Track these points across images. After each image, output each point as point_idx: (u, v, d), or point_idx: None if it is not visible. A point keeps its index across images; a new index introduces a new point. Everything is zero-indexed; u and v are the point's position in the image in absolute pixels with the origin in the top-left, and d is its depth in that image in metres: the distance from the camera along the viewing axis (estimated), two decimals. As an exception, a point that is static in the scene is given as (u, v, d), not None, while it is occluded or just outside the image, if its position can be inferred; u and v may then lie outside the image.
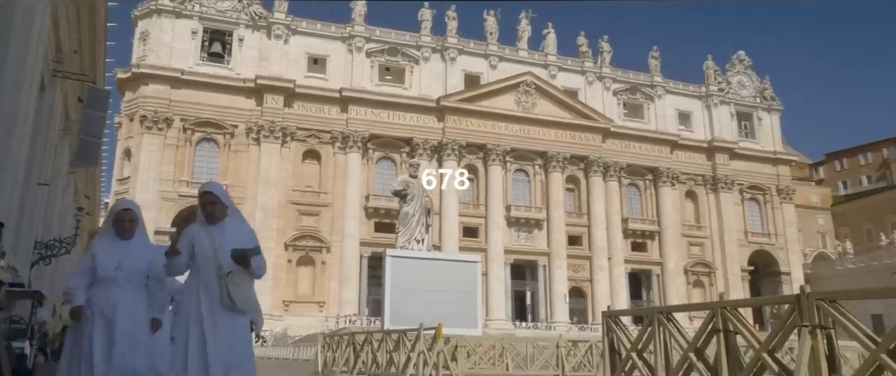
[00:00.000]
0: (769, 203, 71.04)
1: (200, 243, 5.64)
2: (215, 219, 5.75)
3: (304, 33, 59.02)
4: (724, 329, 5.78)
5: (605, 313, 7.46)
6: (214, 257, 5.56)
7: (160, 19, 55.14)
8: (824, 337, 4.93)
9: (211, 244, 5.62)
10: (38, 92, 15.55)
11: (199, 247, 5.62)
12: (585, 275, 62.13)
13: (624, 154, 65.91)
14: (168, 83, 53.45)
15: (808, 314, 5.02)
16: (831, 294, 5.16)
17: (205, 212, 5.76)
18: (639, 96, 69.15)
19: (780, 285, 69.06)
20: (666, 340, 6.46)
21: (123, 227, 6.25)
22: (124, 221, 6.24)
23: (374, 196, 57.28)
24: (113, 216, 6.27)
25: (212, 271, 5.54)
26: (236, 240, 5.63)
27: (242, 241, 5.63)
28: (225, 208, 5.80)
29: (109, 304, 5.90)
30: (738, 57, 75.84)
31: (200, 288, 5.54)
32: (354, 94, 57.87)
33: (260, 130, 54.90)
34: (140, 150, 51.68)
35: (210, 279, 5.53)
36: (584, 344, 17.76)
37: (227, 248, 5.53)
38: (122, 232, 6.23)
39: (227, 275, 5.49)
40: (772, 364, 5.34)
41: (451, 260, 26.16)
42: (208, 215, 5.75)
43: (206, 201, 5.77)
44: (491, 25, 65.21)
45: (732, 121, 71.94)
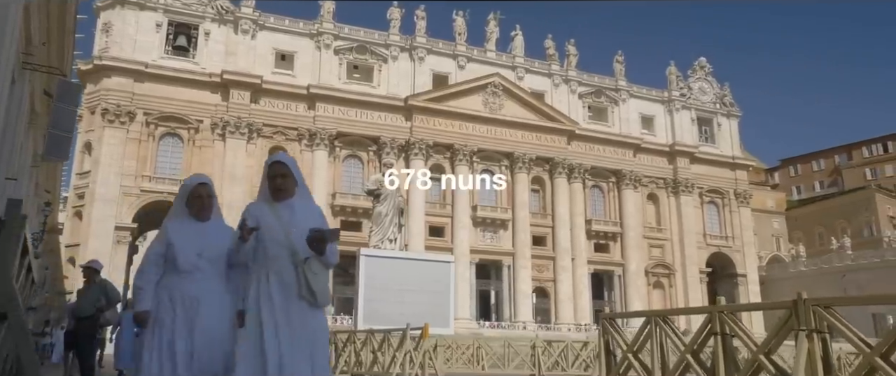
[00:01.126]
0: (727, 206, 72.78)
1: (268, 224, 4.77)
2: (283, 196, 4.92)
3: (271, 29, 58.39)
4: (721, 332, 6.04)
5: (603, 315, 7.68)
6: (287, 241, 4.72)
7: (123, 11, 53.92)
8: (820, 340, 5.24)
9: (280, 225, 4.77)
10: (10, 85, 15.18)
11: (267, 229, 4.75)
12: (549, 275, 62.82)
13: (588, 156, 66.81)
14: (131, 76, 52.30)
15: (805, 319, 5.31)
16: (827, 300, 5.45)
17: (273, 185, 4.90)
18: (603, 100, 70.17)
19: (736, 287, 70.89)
20: (662, 342, 6.70)
21: (201, 206, 5.24)
22: (202, 198, 5.23)
23: (340, 194, 57.02)
24: (187, 193, 5.25)
25: (285, 257, 4.70)
26: (308, 221, 4.84)
27: (314, 223, 4.84)
28: (295, 183, 4.98)
29: (191, 300, 4.96)
30: (699, 63, 77.45)
31: (270, 278, 4.69)
32: (322, 92, 57.48)
33: (225, 126, 54.14)
34: (101, 144, 50.50)
35: (283, 267, 4.70)
36: (560, 343, 18.05)
37: (301, 230, 4.72)
38: (200, 211, 5.23)
39: (305, 261, 4.70)
40: (769, 365, 5.61)
41: (425, 260, 26.32)
42: (277, 190, 4.90)
43: (277, 173, 4.92)
44: (460, 26, 65.41)
45: (693, 126, 73.49)
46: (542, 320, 60.54)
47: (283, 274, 4.69)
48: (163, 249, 5.10)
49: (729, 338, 6.05)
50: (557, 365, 17.20)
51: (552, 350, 17.49)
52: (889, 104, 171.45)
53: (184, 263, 5.02)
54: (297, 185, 5.00)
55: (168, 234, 5.13)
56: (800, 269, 72.25)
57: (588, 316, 62.71)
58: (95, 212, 49.08)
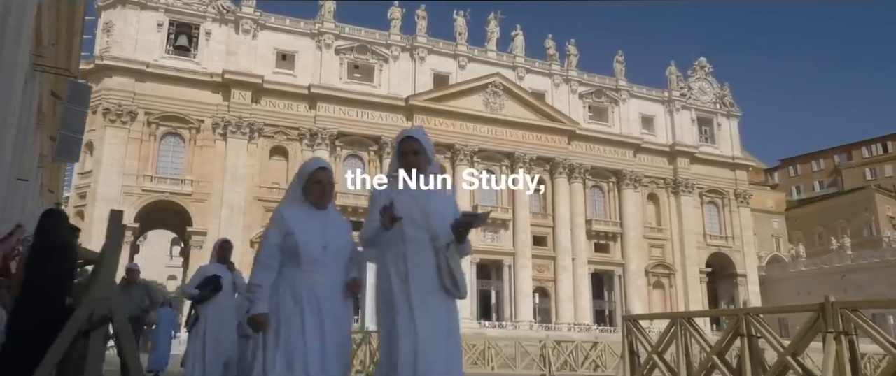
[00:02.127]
0: (727, 206, 72.96)
1: (404, 204, 4.26)
2: (417, 174, 4.46)
3: (272, 29, 58.44)
4: (747, 333, 6.14)
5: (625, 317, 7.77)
6: (426, 223, 4.26)
7: (125, 10, 53.96)
8: (847, 342, 5.34)
9: (417, 206, 4.30)
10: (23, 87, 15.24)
11: (404, 210, 4.22)
12: (550, 275, 62.94)
13: (588, 156, 66.93)
14: (132, 76, 52.34)
15: (833, 321, 5.40)
16: (854, 303, 5.54)
17: (405, 162, 4.46)
18: (604, 100, 70.32)
19: (735, 287, 71.11)
20: (687, 343, 6.79)
21: (322, 192, 4.70)
22: (323, 184, 4.69)
23: (341, 194, 56.99)
24: (305, 178, 4.70)
25: (424, 242, 4.23)
26: (444, 202, 4.45)
27: (450, 205, 4.47)
28: (428, 161, 4.51)
29: (318, 297, 4.43)
30: (699, 63, 77.64)
31: (408, 265, 4.20)
32: (323, 92, 57.55)
33: (227, 126, 54.19)
34: (103, 144, 50.52)
35: (421, 252, 4.22)
36: (569, 343, 18.13)
37: (439, 212, 4.34)
38: (320, 198, 4.69)
39: (447, 247, 4.25)
40: (796, 367, 5.70)
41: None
42: (411, 167, 4.44)
43: (408, 149, 4.47)
44: (460, 26, 65.51)
45: (693, 127, 73.67)
46: (542, 320, 60.68)
47: (422, 260, 4.22)
48: (280, 240, 4.51)
49: (755, 340, 6.15)
50: (566, 365, 17.30)
51: (562, 350, 17.60)
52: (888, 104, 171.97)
53: (308, 256, 4.46)
54: (430, 163, 4.51)
55: (287, 223, 4.52)
56: (800, 269, 72.46)
57: (588, 316, 62.90)
58: (97, 211, 49.04)
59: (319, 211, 4.68)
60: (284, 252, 4.51)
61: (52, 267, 5.91)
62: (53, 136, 24.21)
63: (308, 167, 4.77)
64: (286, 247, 4.50)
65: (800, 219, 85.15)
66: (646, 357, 7.19)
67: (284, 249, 4.51)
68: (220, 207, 51.91)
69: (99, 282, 4.71)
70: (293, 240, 4.47)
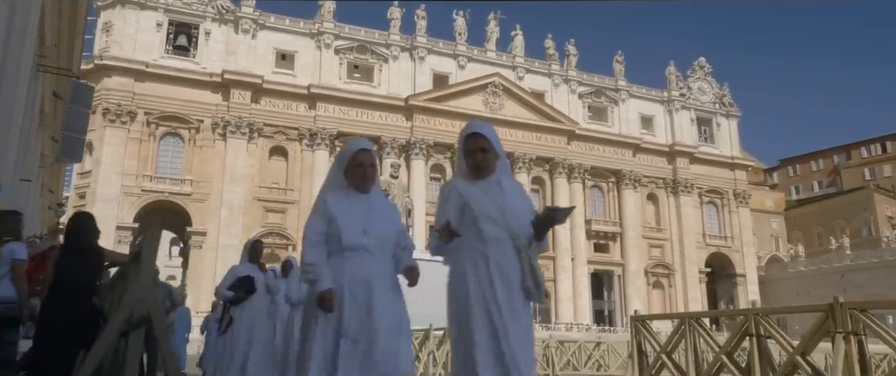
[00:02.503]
0: (726, 206, 73.03)
1: (478, 201, 4.06)
2: (485, 173, 4.21)
3: (272, 28, 58.42)
4: (756, 333, 6.17)
5: (634, 317, 7.80)
6: (504, 221, 4.02)
7: (124, 10, 53.93)
8: (856, 342, 5.38)
9: (493, 204, 4.07)
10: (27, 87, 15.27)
11: (479, 208, 4.03)
12: (549, 275, 62.85)
13: (588, 156, 66.97)
14: (132, 76, 52.31)
15: (842, 321, 5.44)
16: (863, 303, 5.57)
17: (472, 161, 4.21)
18: (603, 100, 70.37)
19: (735, 287, 71.20)
20: (696, 343, 6.82)
21: (364, 175, 4.46)
22: (364, 167, 4.47)
23: (341, 194, 57.04)
24: (346, 161, 4.50)
25: (504, 241, 3.99)
26: (519, 200, 4.23)
27: (524, 202, 4.26)
28: (497, 156, 4.26)
29: (361, 282, 4.18)
30: (698, 63, 77.70)
31: (490, 266, 3.95)
32: (323, 92, 57.54)
33: (226, 126, 54.16)
34: (102, 144, 50.48)
35: (502, 252, 3.99)
36: (572, 343, 18.16)
37: (516, 210, 4.11)
38: (362, 182, 4.46)
39: (529, 246, 4.05)
40: (806, 366, 5.74)
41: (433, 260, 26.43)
42: (477, 166, 4.19)
43: (475, 147, 4.21)
44: (460, 26, 65.53)
45: (693, 126, 73.73)
46: (542, 320, 60.65)
47: (503, 261, 3.97)
48: (324, 226, 4.31)
49: (764, 340, 6.18)
50: (569, 365, 17.33)
51: (564, 350, 17.65)
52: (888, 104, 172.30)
53: (349, 241, 4.24)
54: (499, 158, 4.26)
55: (329, 208, 4.33)
56: (799, 269, 72.55)
57: (588, 315, 62.93)
58: (96, 211, 48.71)
59: (362, 195, 4.46)
60: (329, 240, 4.30)
61: (79, 268, 6.02)
62: (54, 137, 24.22)
63: (349, 150, 4.54)
64: (329, 234, 4.29)
65: (799, 219, 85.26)
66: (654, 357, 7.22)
67: (329, 237, 4.29)
68: (220, 207, 51.91)
69: (138, 284, 4.75)
70: (335, 226, 4.27)
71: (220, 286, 8.66)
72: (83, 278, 6.05)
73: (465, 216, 4.06)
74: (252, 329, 8.30)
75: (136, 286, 4.78)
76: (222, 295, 8.52)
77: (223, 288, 8.53)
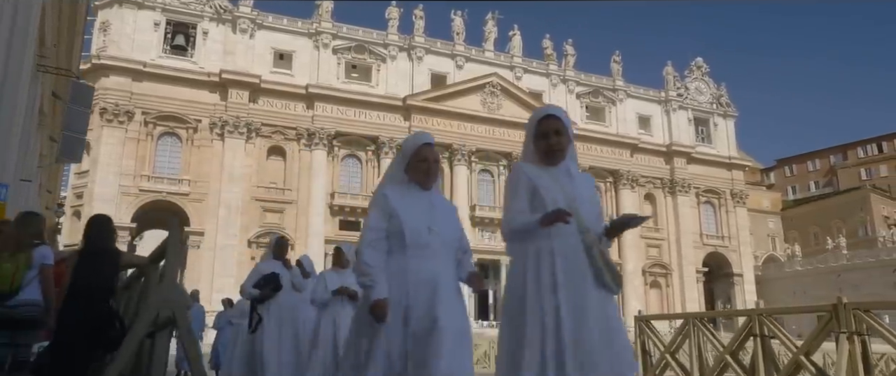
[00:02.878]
0: (723, 206, 73.19)
1: (548, 190, 3.82)
2: (556, 159, 3.95)
3: (269, 28, 58.39)
4: (761, 334, 6.22)
5: (638, 317, 7.83)
6: (575, 212, 3.72)
7: (122, 10, 53.85)
8: (860, 342, 5.43)
9: (563, 193, 3.82)
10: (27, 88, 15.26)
11: (549, 197, 3.78)
12: (547, 274, 62.99)
13: (586, 156, 66.99)
14: (129, 75, 52.25)
15: (845, 321, 5.49)
16: (866, 304, 5.63)
17: (545, 144, 3.93)
18: (601, 100, 70.48)
19: (732, 286, 71.38)
20: (700, 343, 6.86)
21: (427, 171, 4.22)
22: (428, 162, 4.23)
23: (339, 194, 57.08)
24: (409, 155, 4.24)
25: (572, 234, 3.71)
26: (587, 189, 4.01)
27: (592, 192, 4.05)
28: (570, 140, 4.01)
29: (426, 284, 3.91)
30: (696, 64, 77.82)
31: (556, 259, 3.68)
32: (321, 91, 57.54)
33: (224, 125, 54.11)
34: (100, 144, 50.39)
35: (569, 245, 3.71)
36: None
37: (585, 199, 3.88)
38: (425, 178, 4.22)
39: (600, 240, 3.82)
40: (809, 366, 5.79)
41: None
42: (549, 151, 3.93)
43: (549, 129, 3.94)
44: (458, 25, 65.58)
45: (690, 127, 73.87)
46: (540, 319, 60.81)
47: (571, 254, 3.70)
48: (385, 223, 4.03)
49: (768, 340, 6.23)
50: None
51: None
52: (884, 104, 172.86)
53: (413, 239, 3.97)
54: (570, 143, 4.00)
55: (390, 204, 4.06)
56: (795, 269, 72.74)
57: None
58: (94, 212, 48.30)
59: (424, 191, 4.19)
60: (389, 235, 4.02)
61: (97, 270, 6.05)
62: (53, 137, 24.21)
63: (413, 143, 4.23)
64: (391, 230, 4.01)
65: (795, 218, 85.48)
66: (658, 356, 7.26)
67: (390, 234, 4.02)
68: (218, 207, 51.87)
69: (163, 285, 4.78)
70: (398, 222, 3.99)
71: (245, 284, 8.48)
72: (99, 281, 6.09)
73: (534, 204, 3.78)
74: (280, 327, 8.17)
75: (161, 287, 4.81)
76: (248, 293, 8.33)
77: (248, 287, 8.37)
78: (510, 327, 3.71)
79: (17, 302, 6.14)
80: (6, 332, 6.02)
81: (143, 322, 4.75)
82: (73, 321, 5.74)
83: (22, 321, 6.09)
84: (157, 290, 4.94)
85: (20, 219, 6.75)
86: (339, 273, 7.91)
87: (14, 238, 6.30)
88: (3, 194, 9.07)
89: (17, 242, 6.30)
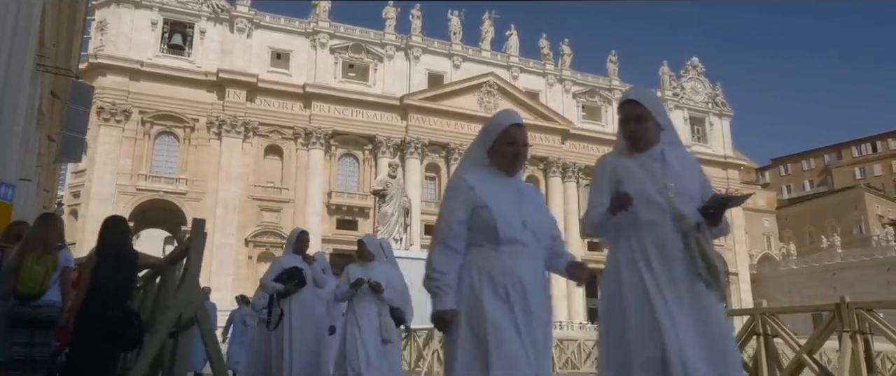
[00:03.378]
0: (719, 205, 73.32)
1: (634, 180, 3.55)
2: (645, 145, 3.67)
3: (267, 28, 58.35)
4: (763, 332, 6.31)
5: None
6: (665, 200, 3.47)
7: (119, 9, 53.75)
8: (863, 341, 5.53)
9: (652, 180, 3.55)
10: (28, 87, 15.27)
11: (635, 188, 3.49)
12: (544, 273, 63.11)
13: (582, 155, 67.19)
14: (126, 75, 52.18)
15: (848, 320, 5.59)
16: (869, 303, 5.72)
17: (627, 131, 3.70)
18: (597, 99, 70.65)
19: (727, 285, 71.55)
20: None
21: (515, 155, 3.65)
22: (517, 145, 3.65)
23: (336, 193, 57.10)
24: (494, 136, 3.65)
25: (665, 224, 3.43)
26: (687, 172, 3.64)
27: (694, 174, 3.69)
28: (658, 126, 3.70)
29: (521, 284, 3.38)
30: (691, 63, 78.06)
31: (648, 251, 3.41)
32: (318, 91, 57.54)
33: (221, 125, 54.07)
34: (97, 143, 50.30)
35: (663, 236, 3.42)
36: (572, 342, 18.32)
37: (682, 187, 3.53)
38: (513, 163, 3.66)
39: (697, 228, 3.44)
40: (812, 364, 5.89)
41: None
42: (634, 137, 3.67)
43: (628, 115, 3.70)
44: (455, 25, 65.65)
45: (686, 126, 74.06)
46: (536, 318, 60.90)
47: (666, 245, 3.40)
48: (466, 214, 3.48)
49: (771, 339, 6.32)
50: (569, 364, 17.49)
51: (564, 348, 17.82)
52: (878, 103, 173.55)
53: (506, 234, 3.43)
54: (662, 129, 3.68)
55: (476, 192, 3.49)
56: (791, 268, 73.07)
57: (582, 314, 63.18)
58: (91, 211, 48.86)
59: (509, 178, 3.64)
60: (474, 229, 3.48)
61: (115, 272, 6.11)
62: (51, 136, 24.20)
63: (500, 123, 3.67)
64: (477, 223, 3.46)
65: (790, 217, 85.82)
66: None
67: (475, 227, 3.47)
68: (215, 206, 51.82)
69: (186, 285, 4.83)
70: (488, 213, 3.43)
71: (266, 278, 8.05)
72: (118, 282, 6.14)
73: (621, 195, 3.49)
74: (303, 324, 7.78)
75: (184, 287, 4.87)
76: (270, 287, 7.90)
77: (269, 281, 7.95)
78: (607, 330, 3.47)
79: (40, 303, 6.21)
80: (25, 331, 6.09)
81: (165, 322, 4.80)
82: (94, 322, 5.80)
83: (43, 321, 6.17)
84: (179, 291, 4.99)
85: (45, 220, 6.79)
86: (364, 266, 7.59)
87: (42, 239, 6.34)
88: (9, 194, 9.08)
89: (45, 244, 6.35)
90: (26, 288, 6.12)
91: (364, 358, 6.96)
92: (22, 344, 6.08)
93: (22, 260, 6.16)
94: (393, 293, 7.39)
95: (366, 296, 7.26)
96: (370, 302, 7.23)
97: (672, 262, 3.36)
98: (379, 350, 7.11)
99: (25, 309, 6.08)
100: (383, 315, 7.26)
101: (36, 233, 6.40)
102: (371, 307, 7.21)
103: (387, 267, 7.68)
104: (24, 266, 6.13)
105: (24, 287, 6.12)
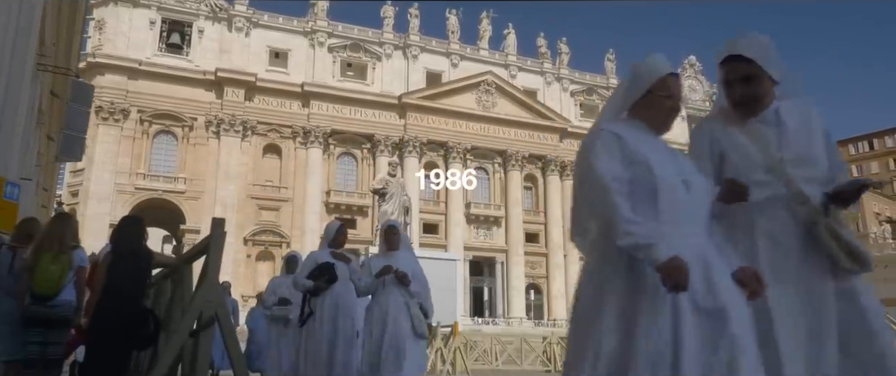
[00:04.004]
0: (717, 203, 73.51)
1: (741, 153, 3.06)
2: (755, 108, 3.13)
3: (265, 27, 58.34)
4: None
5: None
6: (781, 174, 2.96)
7: (117, 8, 53.72)
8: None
9: (763, 151, 3.02)
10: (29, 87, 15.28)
11: (742, 162, 3.03)
12: (542, 271, 63.32)
13: (580, 154, 67.21)
14: (125, 74, 52.17)
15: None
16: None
17: (734, 95, 3.16)
18: (595, 97, 70.71)
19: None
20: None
21: (671, 109, 2.93)
22: (674, 98, 2.93)
23: (334, 191, 57.14)
24: (646, 86, 2.90)
25: (779, 203, 2.93)
26: (807, 139, 3.07)
27: (817, 144, 3.09)
28: (773, 83, 3.15)
29: (700, 262, 2.52)
30: (689, 62, 78.08)
31: (756, 234, 2.92)
32: (316, 90, 57.56)
33: (220, 124, 54.06)
34: (95, 142, 50.19)
35: (777, 217, 2.92)
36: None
37: (805, 157, 3.01)
38: (665, 118, 2.94)
39: (825, 210, 2.91)
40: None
41: (433, 258, 26.67)
42: (741, 100, 3.13)
43: (732, 77, 3.15)
44: (453, 24, 65.68)
45: (683, 124, 74.13)
46: (534, 316, 61.03)
47: (778, 229, 2.91)
48: (622, 170, 2.67)
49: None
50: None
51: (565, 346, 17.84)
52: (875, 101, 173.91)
53: (669, 198, 2.65)
54: (777, 84, 3.11)
55: (631, 146, 2.74)
56: (788, 265, 73.22)
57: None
58: (89, 210, 48.89)
59: (657, 137, 2.89)
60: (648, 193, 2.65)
61: (131, 270, 6.17)
62: (50, 136, 24.20)
63: (654, 70, 2.89)
64: (634, 183, 2.65)
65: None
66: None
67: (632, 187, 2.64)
68: (214, 205, 51.78)
69: (206, 285, 4.86)
70: (647, 172, 2.66)
71: (298, 275, 7.70)
72: (131, 281, 6.18)
73: (722, 173, 3.02)
74: (335, 322, 7.33)
75: (204, 286, 4.89)
76: (302, 284, 7.54)
77: (301, 278, 7.57)
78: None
79: (55, 303, 6.26)
80: (40, 330, 6.14)
81: (186, 322, 4.83)
82: (110, 321, 5.85)
83: (57, 320, 6.22)
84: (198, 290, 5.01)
85: (61, 220, 6.85)
86: (387, 256, 7.07)
87: (58, 239, 6.38)
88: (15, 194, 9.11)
89: (61, 243, 6.38)
90: (42, 287, 6.16)
91: (394, 354, 6.50)
92: (36, 344, 6.13)
93: (38, 259, 6.19)
94: (419, 285, 6.93)
95: (392, 288, 6.80)
96: (398, 294, 6.76)
97: (790, 255, 2.84)
98: (414, 345, 6.69)
99: (41, 308, 6.12)
100: (412, 307, 6.79)
101: (52, 232, 6.44)
102: (399, 299, 6.74)
103: (411, 258, 7.24)
104: (40, 265, 6.17)
105: (40, 286, 6.16)
